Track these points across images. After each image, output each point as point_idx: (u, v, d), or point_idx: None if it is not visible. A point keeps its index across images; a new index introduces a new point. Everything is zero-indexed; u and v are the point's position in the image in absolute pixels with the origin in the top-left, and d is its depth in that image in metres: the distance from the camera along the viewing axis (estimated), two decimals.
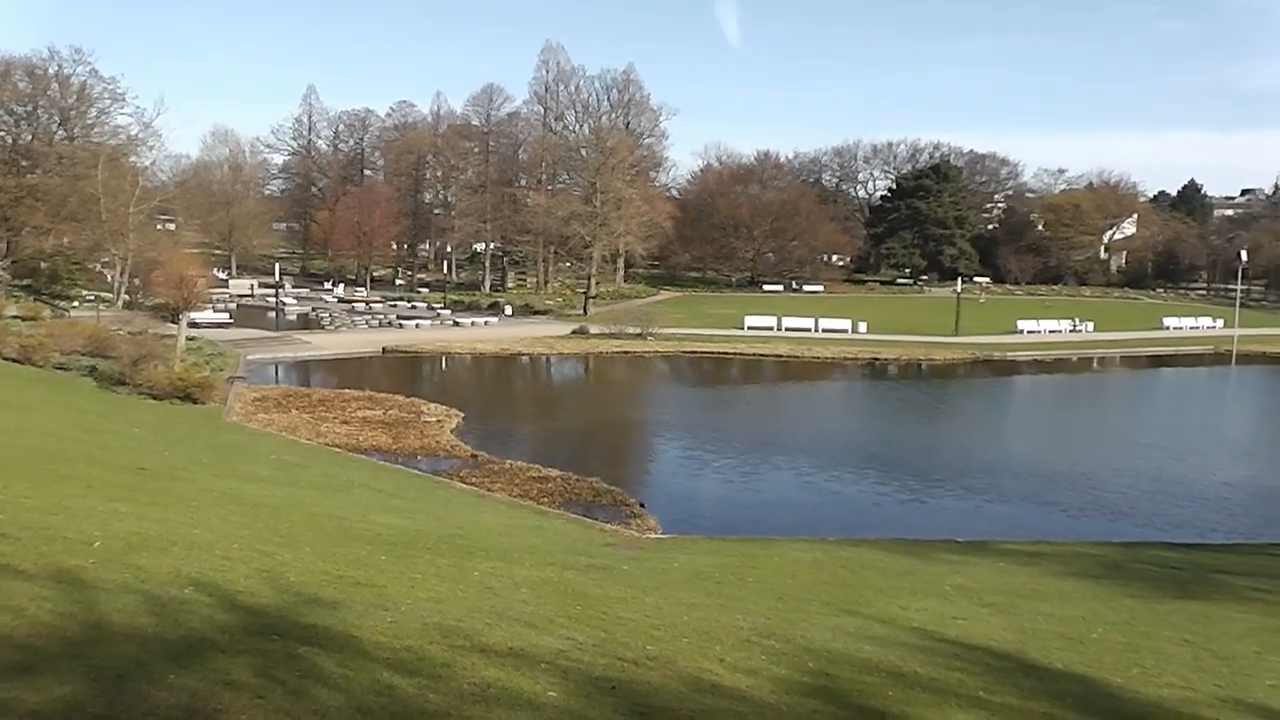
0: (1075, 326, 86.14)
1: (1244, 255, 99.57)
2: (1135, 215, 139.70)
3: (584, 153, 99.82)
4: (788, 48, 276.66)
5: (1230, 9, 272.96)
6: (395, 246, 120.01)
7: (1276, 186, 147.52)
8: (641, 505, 26.93)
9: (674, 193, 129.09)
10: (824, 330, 78.40)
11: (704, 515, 27.89)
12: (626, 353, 66.45)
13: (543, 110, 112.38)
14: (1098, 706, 8.59)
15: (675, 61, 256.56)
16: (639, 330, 71.41)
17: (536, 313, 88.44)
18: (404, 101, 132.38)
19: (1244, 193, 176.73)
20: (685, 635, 10.05)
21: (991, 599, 14.32)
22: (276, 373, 53.82)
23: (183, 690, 6.10)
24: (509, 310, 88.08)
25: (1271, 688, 9.79)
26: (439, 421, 38.67)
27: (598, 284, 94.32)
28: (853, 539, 22.02)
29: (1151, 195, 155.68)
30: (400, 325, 75.70)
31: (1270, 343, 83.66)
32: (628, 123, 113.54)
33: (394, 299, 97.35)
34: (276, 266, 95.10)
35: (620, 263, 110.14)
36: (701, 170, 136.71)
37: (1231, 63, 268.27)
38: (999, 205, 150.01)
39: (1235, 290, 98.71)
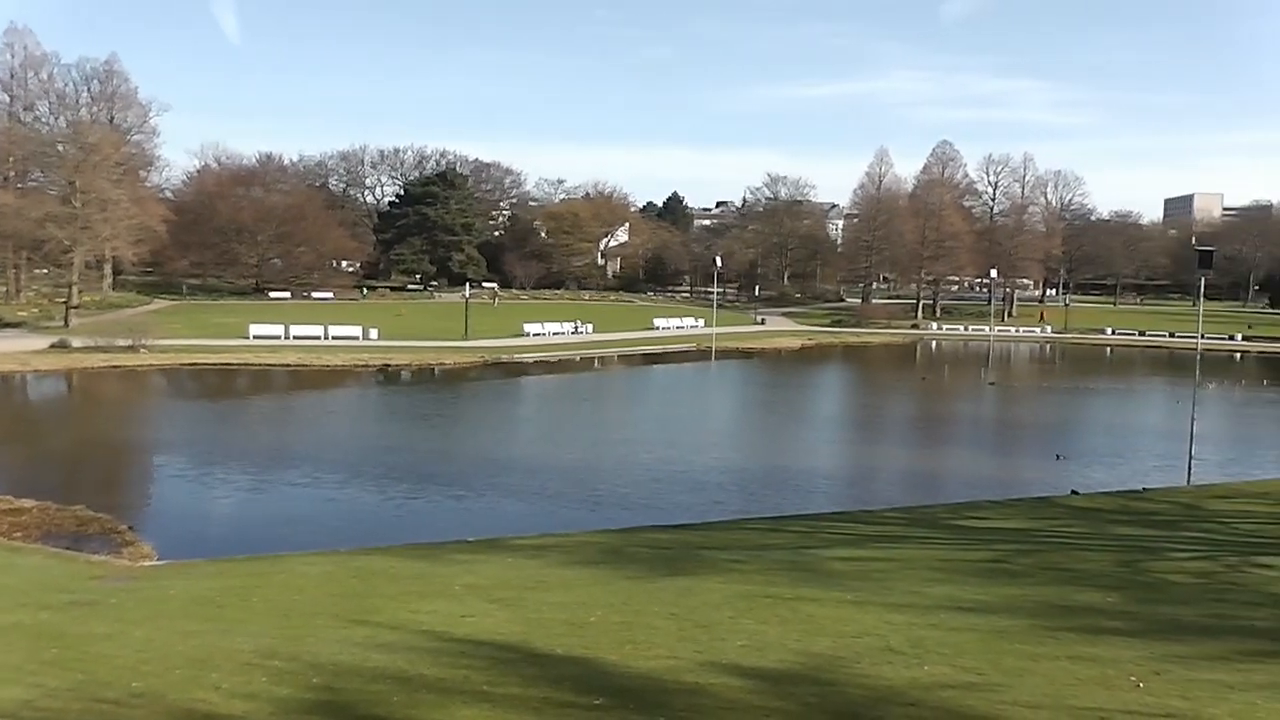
0: (577, 328, 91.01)
1: (719, 261, 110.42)
2: (628, 224, 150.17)
3: (61, 148, 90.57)
4: (290, 46, 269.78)
5: (703, 41, 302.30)
6: None
7: (744, 200, 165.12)
8: (131, 529, 24.93)
9: (168, 194, 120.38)
10: (334, 337, 76.89)
11: (210, 537, 26.39)
12: (117, 367, 61.21)
13: (8, 99, 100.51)
14: (593, 685, 9.09)
15: (166, 54, 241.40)
16: (131, 342, 65.91)
17: (7, 325, 78.82)
18: None
19: (718, 204, 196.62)
20: (178, 666, 9.43)
21: (500, 594, 14.74)
22: None
23: None
24: None
25: (742, 648, 10.88)
26: None
27: (81, 293, 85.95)
28: (366, 548, 21.72)
29: (641, 205, 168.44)
30: None
31: (741, 339, 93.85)
32: (112, 117, 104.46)
33: None
34: None
35: (108, 269, 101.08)
36: (199, 171, 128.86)
37: (706, 87, 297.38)
38: (504, 213, 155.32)
39: (713, 293, 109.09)
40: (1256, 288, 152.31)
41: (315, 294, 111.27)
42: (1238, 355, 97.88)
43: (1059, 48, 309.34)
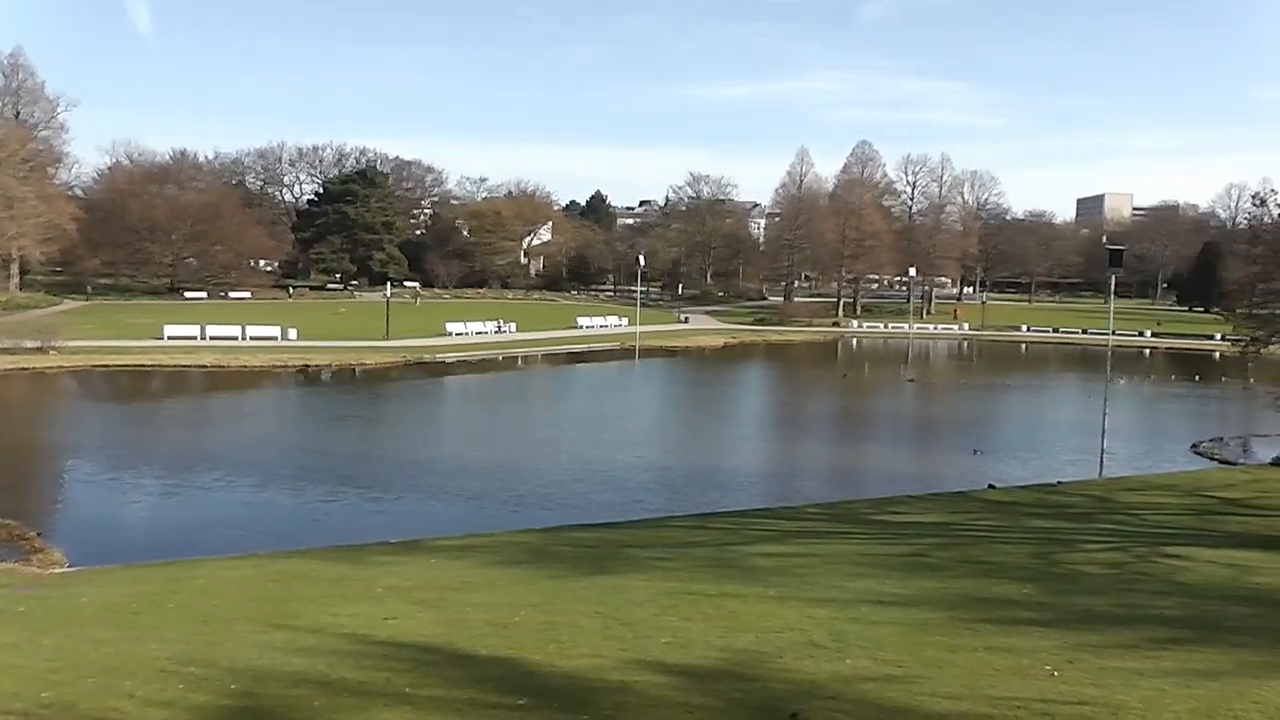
0: (500, 327, 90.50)
1: (642, 259, 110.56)
2: (551, 223, 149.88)
3: None
4: (204, 41, 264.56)
5: (626, 39, 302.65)
6: None
7: (667, 199, 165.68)
8: (40, 535, 24.23)
9: (78, 192, 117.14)
10: (252, 338, 75.50)
11: (123, 542, 25.74)
12: (25, 370, 59.41)
13: None
14: (518, 685, 9.05)
15: (75, 48, 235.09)
16: (40, 343, 64.03)
17: None
18: None
19: (641, 203, 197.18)
20: (90, 675, 9.21)
21: (423, 595, 14.61)
22: None
23: None
24: None
25: (667, 645, 10.91)
26: None
27: None
28: (286, 551, 21.41)
29: (564, 204, 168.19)
30: None
31: (665, 338, 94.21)
32: (18, 112, 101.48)
33: None
34: None
35: (14, 269, 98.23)
36: (110, 168, 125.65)
37: (629, 86, 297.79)
38: (426, 211, 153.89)
39: (636, 291, 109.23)
40: (1165, 285, 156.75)
41: (232, 294, 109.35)
42: (1147, 351, 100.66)
43: (974, 51, 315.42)
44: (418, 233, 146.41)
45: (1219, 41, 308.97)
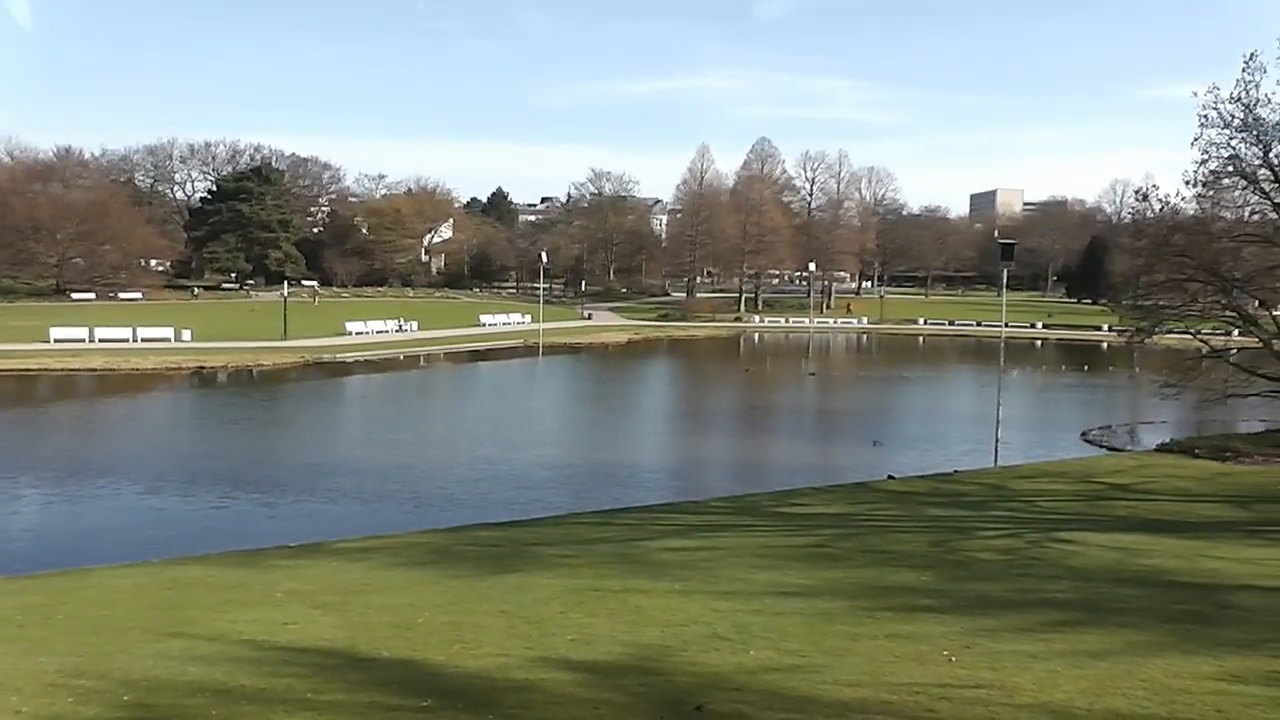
0: (401, 326, 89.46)
1: (545, 256, 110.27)
2: (452, 220, 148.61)
3: None
4: (88, 33, 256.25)
5: (526, 36, 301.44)
6: None
7: (569, 196, 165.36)
8: None
9: None
10: (144, 340, 73.52)
11: (7, 553, 24.81)
12: None
13: None
14: (421, 686, 8.94)
15: None
16: None
17: None
18: None
19: (544, 200, 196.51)
20: None
21: (324, 599, 14.34)
22: None
23: None
24: None
25: (572, 641, 10.88)
26: None
27: None
28: (181, 558, 20.83)
29: (465, 201, 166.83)
30: None
31: (568, 334, 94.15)
32: None
33: None
34: None
35: None
36: None
37: (530, 82, 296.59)
38: (323, 209, 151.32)
39: (539, 288, 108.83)
40: (1055, 278, 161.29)
41: (122, 294, 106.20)
42: (1039, 342, 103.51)
43: (869, 49, 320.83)
44: (315, 231, 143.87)
45: (1104, 42, 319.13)
